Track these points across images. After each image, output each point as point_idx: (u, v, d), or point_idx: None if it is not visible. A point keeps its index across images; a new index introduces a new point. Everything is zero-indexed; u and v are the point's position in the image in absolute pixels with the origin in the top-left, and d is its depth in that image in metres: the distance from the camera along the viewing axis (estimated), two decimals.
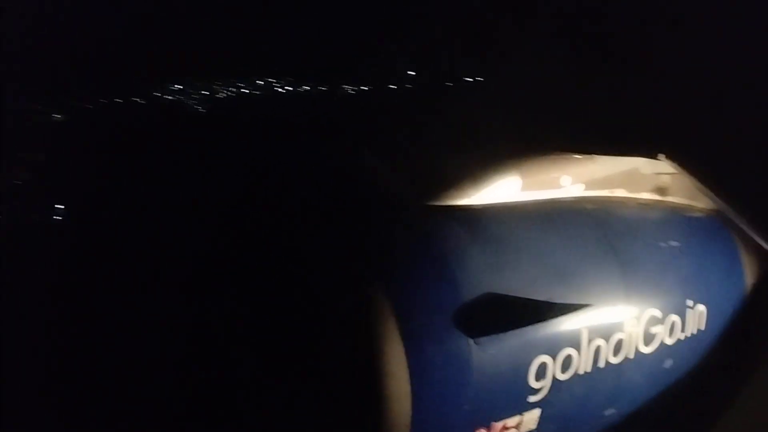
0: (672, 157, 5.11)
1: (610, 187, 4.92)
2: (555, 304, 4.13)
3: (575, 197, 4.72)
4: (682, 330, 4.78)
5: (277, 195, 4.85)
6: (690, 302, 4.83)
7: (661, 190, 5.19)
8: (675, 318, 4.72)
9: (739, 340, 5.25)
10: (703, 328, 4.92)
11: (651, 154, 5.09)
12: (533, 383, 4.05)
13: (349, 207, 4.25)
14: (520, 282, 4.09)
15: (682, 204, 5.32)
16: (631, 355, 4.48)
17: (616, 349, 4.40)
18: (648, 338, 4.57)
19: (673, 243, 4.93)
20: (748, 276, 5.31)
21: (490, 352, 3.86)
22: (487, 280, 3.97)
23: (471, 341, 3.80)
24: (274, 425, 3.98)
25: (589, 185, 4.78)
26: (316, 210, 4.30)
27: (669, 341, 4.71)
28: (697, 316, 4.87)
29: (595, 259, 4.47)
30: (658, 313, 4.62)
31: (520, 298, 4.02)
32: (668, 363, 4.76)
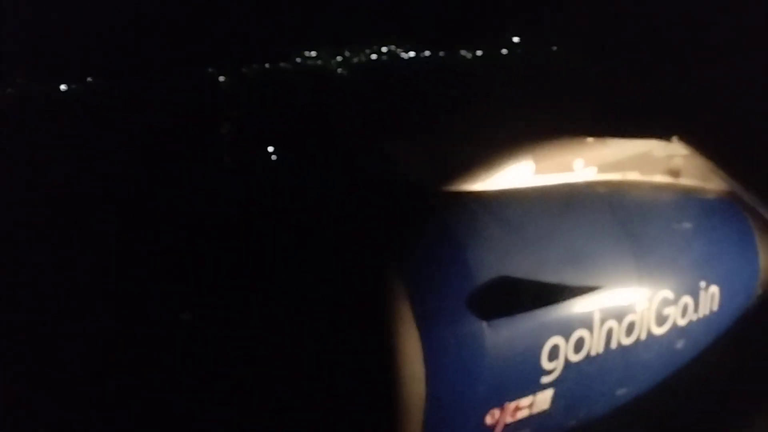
0: (685, 138, 5.11)
1: (623, 170, 4.93)
2: (567, 286, 4.18)
3: (588, 181, 4.74)
4: (695, 311, 4.81)
5: (299, 179, 4.93)
6: (703, 283, 4.86)
7: (674, 173, 5.19)
8: (688, 299, 4.75)
9: (753, 320, 5.28)
10: (716, 309, 4.95)
11: (664, 136, 5.09)
12: (546, 364, 4.11)
13: (365, 192, 4.31)
14: (533, 265, 4.14)
15: (696, 186, 5.32)
16: (644, 337, 4.53)
17: (629, 331, 4.45)
18: (660, 319, 4.61)
19: (686, 225, 4.94)
20: (763, 257, 5.32)
21: (504, 334, 3.93)
22: (501, 264, 4.02)
23: (485, 323, 3.87)
24: (288, 404, 4.08)
25: (602, 168, 4.80)
26: (333, 195, 4.38)
27: (681, 322, 4.74)
28: (710, 297, 4.90)
29: (607, 241, 4.50)
30: (670, 294, 4.65)
31: (533, 281, 4.08)
32: (680, 344, 4.80)
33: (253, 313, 4.30)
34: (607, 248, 4.49)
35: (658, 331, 4.61)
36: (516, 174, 4.46)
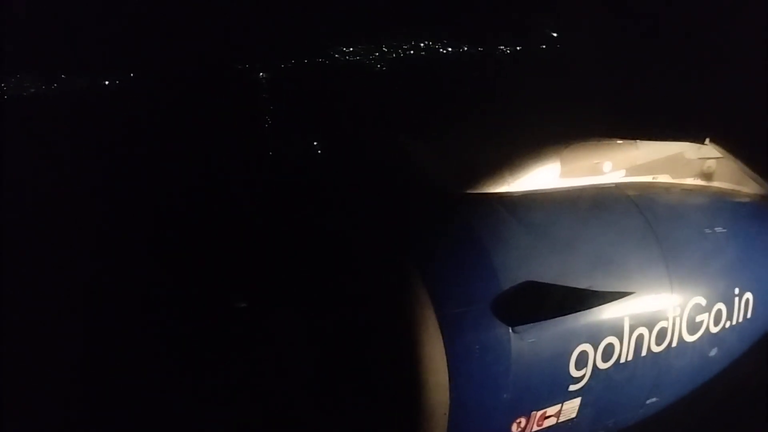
0: (718, 141, 4.99)
1: (654, 173, 4.83)
2: (596, 292, 4.08)
3: (616, 183, 4.65)
4: (728, 318, 4.68)
5: (320, 181, 4.91)
6: (737, 290, 4.73)
7: (706, 176, 5.07)
8: (721, 306, 4.63)
9: None
10: (750, 316, 4.81)
11: (697, 139, 4.97)
12: (574, 372, 4.03)
13: (389, 194, 4.27)
14: (560, 270, 4.05)
15: (729, 189, 5.19)
16: (675, 344, 4.41)
17: (659, 338, 4.34)
18: (692, 327, 4.49)
19: (719, 229, 4.82)
20: None
21: (530, 341, 3.85)
22: (526, 268, 3.94)
23: (510, 330, 3.80)
24: (312, 409, 4.05)
25: (631, 171, 4.70)
26: (356, 197, 4.34)
27: (714, 329, 4.62)
28: (744, 303, 4.77)
29: (637, 246, 4.40)
30: (702, 301, 4.53)
31: (560, 286, 3.99)
32: (713, 352, 4.68)
33: (270, 317, 4.28)
34: (636, 253, 4.39)
35: (690, 338, 4.49)
36: (543, 176, 4.39)
